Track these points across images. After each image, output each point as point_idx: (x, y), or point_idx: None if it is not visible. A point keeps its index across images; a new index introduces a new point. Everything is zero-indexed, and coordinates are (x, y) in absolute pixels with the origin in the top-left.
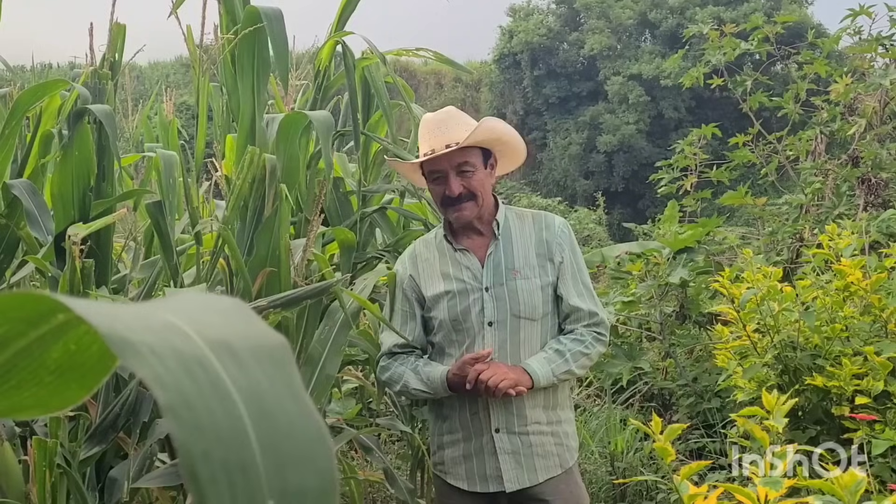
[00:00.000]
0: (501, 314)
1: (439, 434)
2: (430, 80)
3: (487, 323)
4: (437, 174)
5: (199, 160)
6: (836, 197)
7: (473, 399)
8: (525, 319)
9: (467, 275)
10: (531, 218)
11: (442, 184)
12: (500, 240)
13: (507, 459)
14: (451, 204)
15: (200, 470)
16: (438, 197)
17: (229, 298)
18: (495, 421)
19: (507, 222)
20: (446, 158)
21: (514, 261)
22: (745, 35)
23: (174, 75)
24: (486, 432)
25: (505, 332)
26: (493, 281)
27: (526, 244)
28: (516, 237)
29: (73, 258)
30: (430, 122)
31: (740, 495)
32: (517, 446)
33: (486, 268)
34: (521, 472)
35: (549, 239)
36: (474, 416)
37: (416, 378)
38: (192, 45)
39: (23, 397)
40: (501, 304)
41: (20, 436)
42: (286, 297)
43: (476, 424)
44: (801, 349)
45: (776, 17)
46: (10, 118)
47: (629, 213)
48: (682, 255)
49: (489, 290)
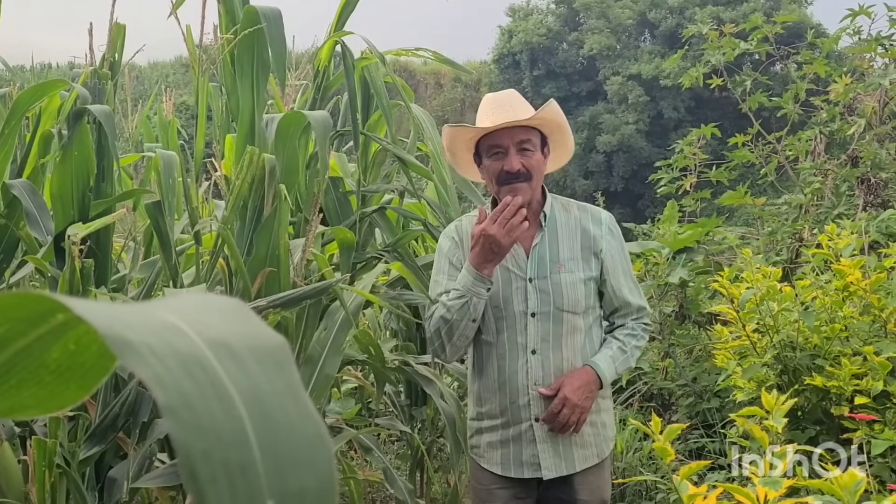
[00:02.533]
0: (545, 306)
1: (478, 419)
2: (429, 80)
3: (531, 314)
4: (496, 149)
5: (199, 160)
6: (835, 197)
7: (515, 387)
8: (568, 313)
9: (511, 263)
10: (577, 209)
11: (500, 159)
12: (545, 231)
13: (546, 448)
14: (509, 181)
15: (200, 470)
16: (495, 173)
17: (229, 298)
18: (536, 409)
19: (554, 213)
20: (508, 134)
21: (560, 253)
22: (744, 35)
23: (174, 75)
24: (527, 420)
25: (548, 323)
26: (538, 273)
27: (571, 237)
28: (562, 229)
29: (73, 258)
30: (494, 100)
31: (740, 495)
32: (557, 435)
33: (531, 259)
34: (560, 461)
35: (596, 233)
36: (514, 403)
37: (448, 297)
38: (192, 46)
39: (22, 397)
40: (545, 296)
41: (20, 436)
42: (286, 297)
43: (516, 412)
44: (801, 349)
45: (775, 17)
46: (9, 118)
47: (629, 213)
48: (682, 255)
49: (533, 282)
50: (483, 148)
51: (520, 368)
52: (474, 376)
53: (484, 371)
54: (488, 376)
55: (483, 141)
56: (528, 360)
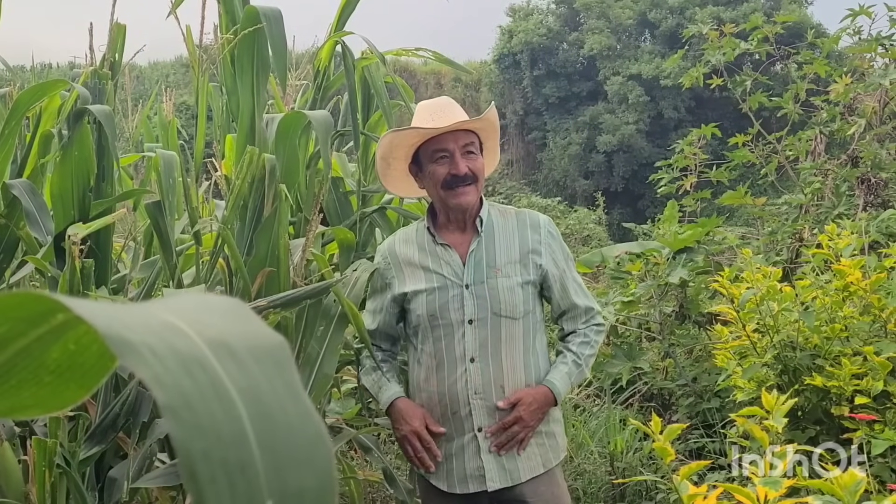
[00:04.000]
0: (482, 312)
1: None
2: (429, 80)
3: (468, 321)
4: (442, 153)
5: (199, 160)
6: (835, 197)
7: (455, 397)
8: (506, 318)
9: (447, 270)
10: (514, 215)
11: (445, 164)
12: (482, 237)
13: (490, 459)
14: (455, 185)
15: (200, 470)
16: (441, 177)
17: (228, 298)
18: (479, 419)
19: (490, 219)
20: (453, 137)
21: (496, 258)
22: (744, 35)
23: (174, 75)
24: (469, 431)
25: (486, 329)
26: (475, 278)
27: (509, 241)
28: (499, 234)
29: (73, 258)
30: (431, 106)
31: (740, 495)
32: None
33: (467, 265)
34: (504, 472)
35: (535, 238)
36: (455, 414)
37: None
38: (192, 46)
39: (22, 397)
40: (482, 302)
41: (20, 436)
42: (285, 296)
43: (458, 423)
44: (801, 349)
45: (776, 17)
46: (9, 118)
47: (629, 213)
48: (682, 255)
49: (469, 288)
50: (425, 153)
51: (459, 377)
52: (414, 388)
53: (422, 383)
54: (427, 388)
55: (426, 146)
56: (468, 368)
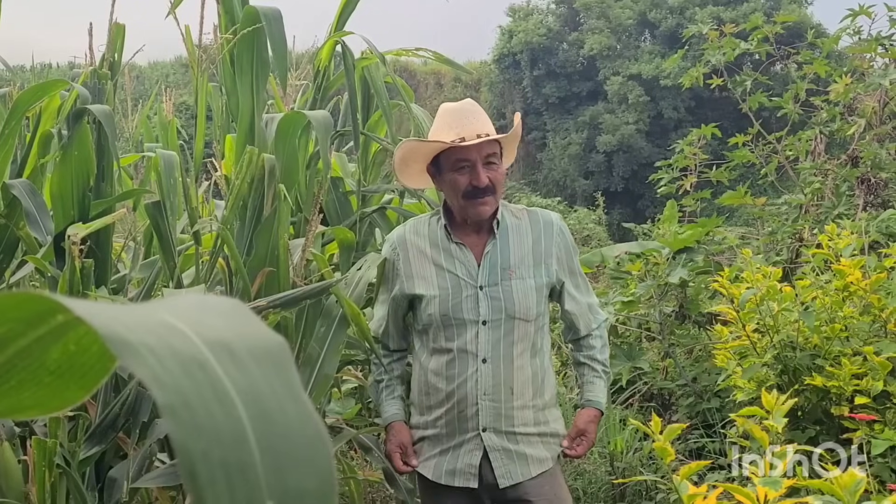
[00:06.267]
0: (496, 314)
1: (423, 427)
2: (429, 80)
3: (482, 322)
4: (463, 163)
5: (199, 160)
6: (835, 197)
7: (463, 397)
8: (519, 320)
9: (462, 270)
10: (528, 216)
11: (466, 173)
12: (497, 239)
13: (498, 456)
14: (476, 196)
15: (199, 470)
16: (461, 187)
17: (228, 299)
18: (483, 420)
19: (505, 221)
20: (476, 148)
21: (511, 259)
22: (744, 35)
23: (174, 75)
24: (473, 430)
25: (499, 331)
26: (489, 280)
27: (523, 244)
28: (513, 236)
29: (73, 258)
30: (455, 111)
31: (740, 495)
32: (506, 444)
33: (482, 267)
34: (514, 467)
35: (548, 240)
36: (461, 413)
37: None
38: (191, 46)
39: (22, 397)
40: (496, 303)
41: (20, 436)
42: (285, 297)
43: (462, 422)
44: (801, 349)
45: (776, 17)
46: (9, 118)
47: (629, 213)
48: (682, 255)
49: (483, 289)
50: (446, 160)
51: (469, 377)
52: (421, 384)
53: (431, 379)
54: (436, 385)
55: (447, 153)
56: (479, 368)
